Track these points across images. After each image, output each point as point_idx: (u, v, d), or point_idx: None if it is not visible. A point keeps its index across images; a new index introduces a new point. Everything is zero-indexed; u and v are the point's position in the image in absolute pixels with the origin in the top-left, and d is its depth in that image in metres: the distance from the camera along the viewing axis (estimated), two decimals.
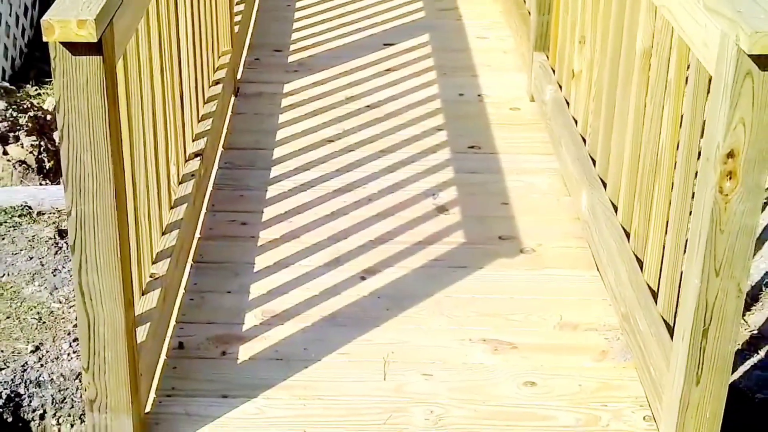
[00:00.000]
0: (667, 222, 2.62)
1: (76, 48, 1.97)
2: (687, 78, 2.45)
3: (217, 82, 3.91)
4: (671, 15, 2.44)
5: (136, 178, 2.60)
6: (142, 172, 2.68)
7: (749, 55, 1.97)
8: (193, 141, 3.47)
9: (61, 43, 1.96)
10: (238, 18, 4.50)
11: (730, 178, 2.11)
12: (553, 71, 4.04)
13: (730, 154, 2.08)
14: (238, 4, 4.64)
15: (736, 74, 2.01)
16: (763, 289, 3.41)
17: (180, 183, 3.22)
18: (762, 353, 3.14)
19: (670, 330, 2.53)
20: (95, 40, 1.93)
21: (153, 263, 2.82)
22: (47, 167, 4.26)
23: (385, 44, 4.88)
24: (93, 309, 2.26)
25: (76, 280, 2.23)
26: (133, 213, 2.52)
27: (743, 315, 3.29)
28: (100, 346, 2.30)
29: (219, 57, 4.06)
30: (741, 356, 3.10)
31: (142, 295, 2.68)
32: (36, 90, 5.23)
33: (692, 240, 2.27)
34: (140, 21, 2.50)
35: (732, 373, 2.93)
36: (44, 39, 1.94)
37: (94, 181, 2.11)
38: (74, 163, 2.09)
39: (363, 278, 3.19)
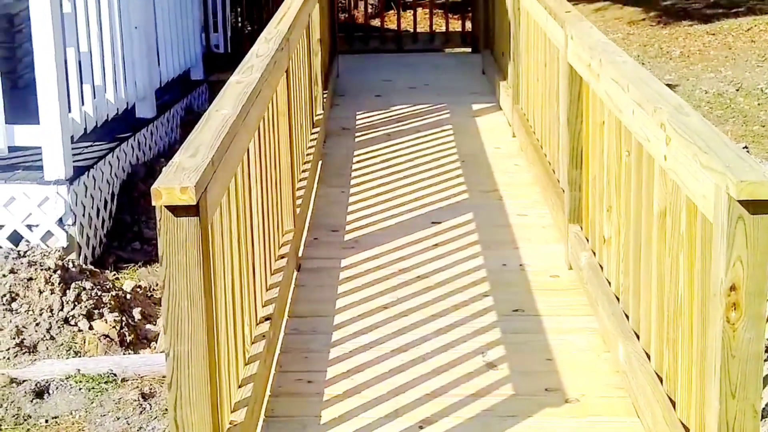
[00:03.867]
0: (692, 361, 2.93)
1: (177, 210, 2.40)
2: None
3: (282, 257, 4.34)
4: (677, 176, 2.84)
5: (220, 335, 2.96)
6: (222, 329, 3.05)
7: (739, 201, 2.35)
8: (263, 307, 3.87)
9: (166, 206, 2.39)
10: (299, 201, 4.98)
11: (735, 309, 2.45)
12: (587, 240, 4.44)
13: (732, 288, 2.43)
14: (298, 189, 5.13)
15: (729, 218, 2.38)
16: None
17: (252, 343, 3.60)
18: None
19: None
20: (194, 203, 2.37)
21: (232, 412, 3.16)
22: (128, 340, 4.67)
23: (432, 222, 5.34)
24: None
25: (171, 416, 2.56)
26: (216, 364, 2.87)
27: None
28: None
29: (283, 234, 4.52)
30: None
31: None
32: (114, 275, 5.71)
33: (709, 368, 2.58)
34: (224, 194, 2.94)
35: None
36: (153, 203, 2.38)
37: (189, 323, 2.49)
38: (173, 309, 2.49)
39: (421, 428, 3.49)
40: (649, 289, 3.37)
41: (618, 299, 3.88)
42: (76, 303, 4.66)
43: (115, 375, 4.18)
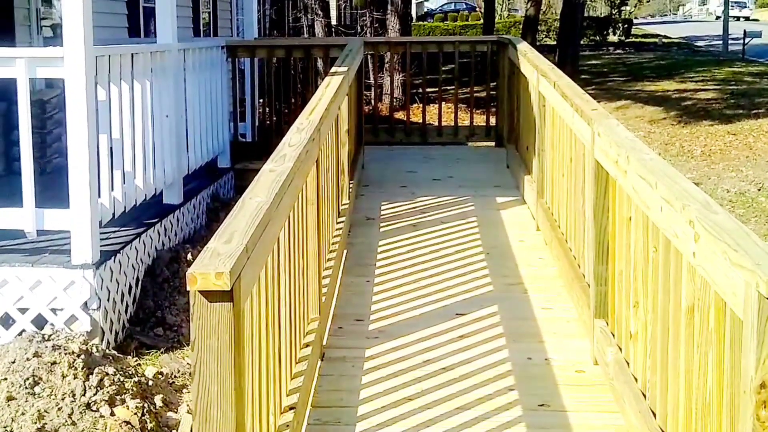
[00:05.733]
0: None
1: (211, 295, 2.42)
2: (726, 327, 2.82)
3: (306, 345, 4.34)
4: (706, 273, 2.85)
5: (246, 423, 2.95)
6: (249, 417, 3.04)
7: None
8: (287, 395, 3.86)
9: (200, 291, 2.42)
10: (324, 290, 4.99)
11: (766, 407, 2.43)
12: (613, 335, 4.42)
13: (763, 385, 2.42)
14: (324, 278, 5.15)
15: (759, 315, 2.38)
16: None
17: None
18: None
19: None
20: (228, 289, 2.39)
21: None
22: (149, 427, 4.64)
23: (457, 314, 5.33)
24: None
25: None
26: None
27: None
28: None
29: (309, 323, 4.52)
30: None
31: None
32: (136, 361, 5.70)
33: None
34: (256, 280, 2.96)
35: None
36: (187, 288, 2.40)
37: (218, 410, 2.50)
38: (202, 395, 2.49)
39: None
40: (677, 386, 3.35)
41: (645, 396, 3.85)
42: (98, 388, 4.65)
43: None
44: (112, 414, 4.61)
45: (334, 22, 28.19)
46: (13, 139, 7.56)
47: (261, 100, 10.72)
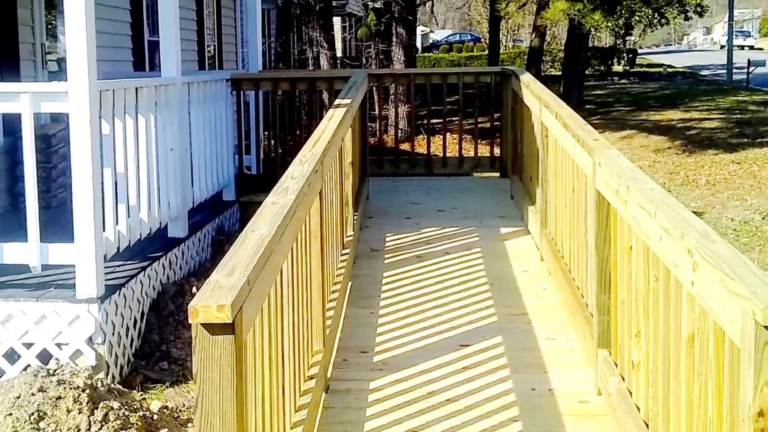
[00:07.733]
0: None
1: (213, 328, 2.44)
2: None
3: (311, 378, 4.35)
4: (704, 301, 2.87)
5: None
6: None
7: (765, 327, 2.37)
8: (291, 428, 3.86)
9: (202, 324, 2.44)
10: (328, 322, 5.01)
11: None
12: (616, 365, 4.43)
13: (761, 413, 2.43)
14: (328, 310, 5.17)
15: (756, 344, 2.39)
16: None
17: None
18: None
19: None
20: (230, 321, 2.41)
21: None
22: None
23: (461, 345, 5.34)
24: None
25: None
26: None
27: None
28: None
29: (313, 355, 4.54)
30: None
31: None
32: (141, 395, 5.71)
33: None
34: (259, 313, 2.98)
35: None
36: (189, 321, 2.42)
37: None
38: (205, 428, 2.50)
39: None
40: (678, 416, 3.35)
41: (647, 426, 3.85)
42: (103, 423, 4.66)
43: None
44: None
45: (339, 54, 28.37)
46: (18, 173, 7.62)
47: (266, 133, 10.78)
